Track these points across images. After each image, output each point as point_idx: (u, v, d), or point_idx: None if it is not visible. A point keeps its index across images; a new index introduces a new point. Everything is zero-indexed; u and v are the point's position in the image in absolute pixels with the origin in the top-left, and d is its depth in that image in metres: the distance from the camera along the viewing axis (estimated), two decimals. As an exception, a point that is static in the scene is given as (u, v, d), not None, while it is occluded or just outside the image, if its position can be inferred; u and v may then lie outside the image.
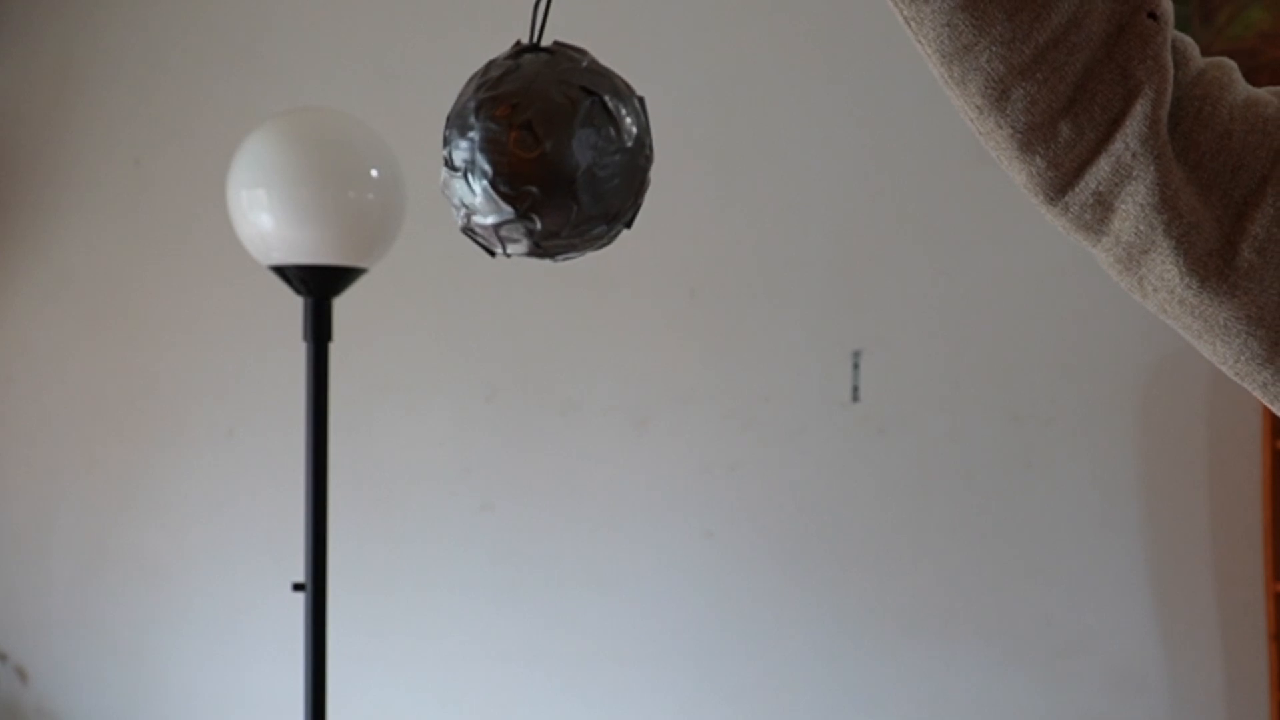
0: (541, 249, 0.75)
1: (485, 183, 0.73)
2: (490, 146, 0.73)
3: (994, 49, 0.68)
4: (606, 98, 0.74)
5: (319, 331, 2.05)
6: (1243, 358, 0.72)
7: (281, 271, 2.02)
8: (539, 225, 0.74)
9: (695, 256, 2.87)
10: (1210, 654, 2.57)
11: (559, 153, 0.73)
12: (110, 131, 3.50)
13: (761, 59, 2.90)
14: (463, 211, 0.75)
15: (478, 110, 0.74)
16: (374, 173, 2.03)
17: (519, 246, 0.75)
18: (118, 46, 3.51)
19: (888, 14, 0.71)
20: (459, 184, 0.74)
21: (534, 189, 0.73)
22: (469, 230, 0.76)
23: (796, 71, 2.88)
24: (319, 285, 2.02)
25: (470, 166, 0.73)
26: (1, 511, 3.59)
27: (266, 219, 1.97)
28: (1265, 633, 2.47)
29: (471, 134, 0.73)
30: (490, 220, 0.74)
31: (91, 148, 3.52)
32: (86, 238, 3.51)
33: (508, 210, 0.73)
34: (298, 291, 2.04)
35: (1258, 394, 0.74)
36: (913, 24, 0.70)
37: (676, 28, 2.95)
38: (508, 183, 0.73)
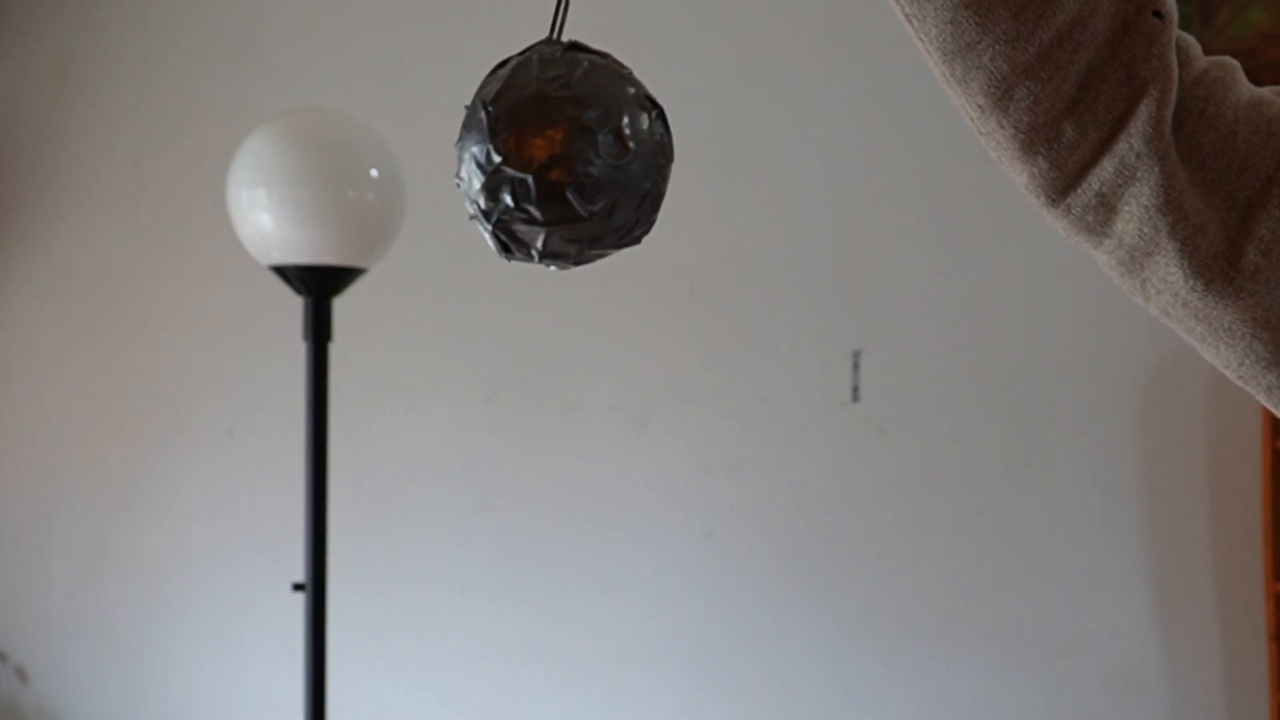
0: (584, 257, 0.70)
1: (567, 185, 0.68)
2: (580, 148, 0.68)
3: (997, 47, 0.67)
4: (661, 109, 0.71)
5: (319, 331, 2.05)
6: (1247, 361, 0.71)
7: (281, 271, 2.02)
8: (604, 233, 0.69)
9: (695, 256, 2.87)
10: (1210, 654, 2.57)
11: (642, 161, 0.69)
12: (110, 131, 3.50)
13: (761, 59, 2.90)
14: (506, 208, 0.68)
15: (559, 105, 0.67)
16: (374, 173, 2.03)
17: (565, 250, 0.70)
18: (118, 46, 3.51)
19: (888, 13, 0.71)
20: (519, 182, 0.68)
21: (614, 196, 0.69)
22: (507, 230, 0.69)
23: (796, 71, 2.88)
24: (319, 285, 2.02)
25: (544, 166, 0.67)
26: (1, 511, 3.59)
27: (266, 219, 1.98)
28: (1265, 633, 2.47)
29: (551, 132, 0.67)
30: (548, 222, 0.68)
31: (91, 148, 3.52)
32: (86, 238, 3.51)
33: (578, 215, 0.68)
34: (298, 291, 2.04)
35: (1261, 398, 0.73)
36: (914, 21, 0.69)
37: (676, 28, 2.95)
38: (593, 187, 0.68)
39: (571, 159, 0.68)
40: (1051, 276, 2.66)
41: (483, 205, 0.69)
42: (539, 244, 0.69)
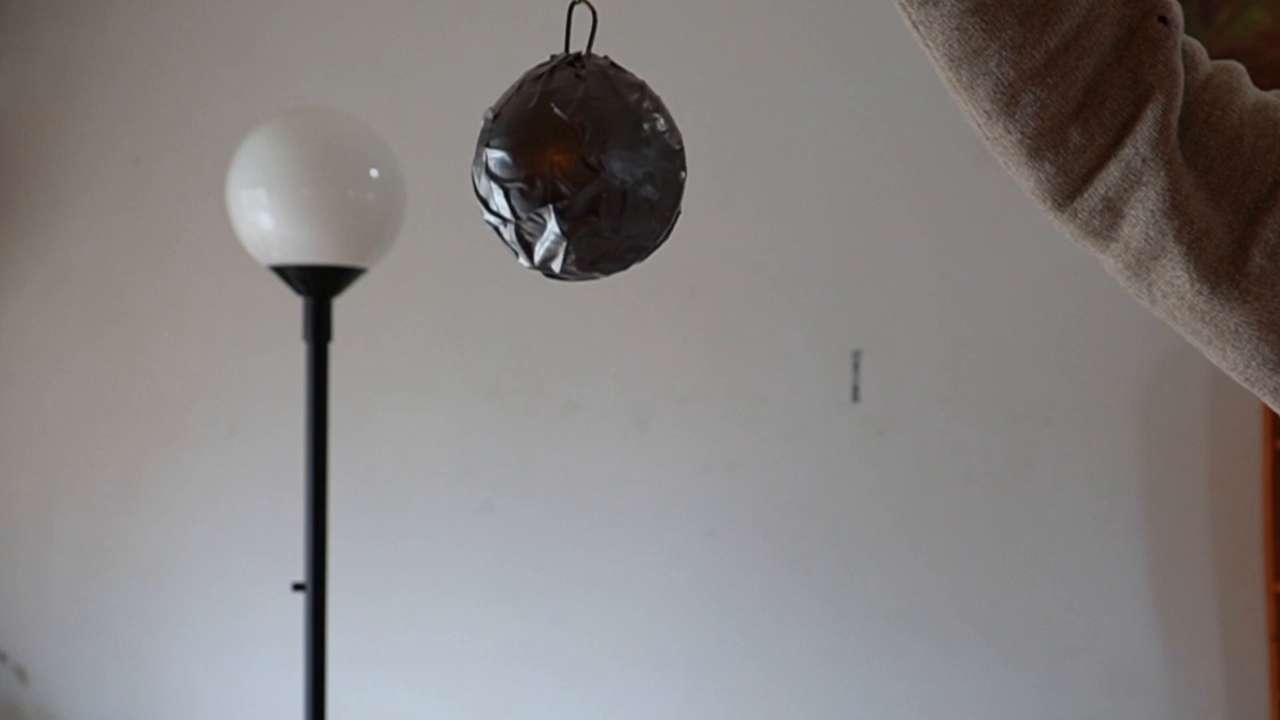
0: (607, 273, 0.70)
1: (655, 202, 0.68)
2: (666, 166, 0.69)
3: (1004, 53, 0.67)
4: None
5: (319, 331, 2.05)
6: (1253, 363, 0.71)
7: (281, 271, 2.02)
8: (649, 248, 0.70)
9: (695, 256, 2.87)
10: (1210, 654, 2.57)
11: (682, 179, 0.71)
12: (110, 131, 3.50)
13: (762, 58, 2.90)
14: (589, 219, 0.67)
15: (647, 122, 0.68)
16: (374, 173, 2.03)
17: (618, 264, 0.70)
18: (118, 46, 3.51)
19: (889, 13, 0.71)
20: (617, 194, 0.67)
21: (673, 210, 0.70)
22: (586, 241, 0.67)
23: (796, 71, 2.88)
24: (319, 285, 2.02)
25: (640, 181, 0.67)
26: (1, 511, 3.59)
27: (266, 219, 1.98)
28: (1265, 633, 2.47)
29: (647, 149, 0.68)
30: (626, 235, 0.68)
31: (91, 148, 3.52)
32: (86, 238, 3.51)
33: (651, 230, 0.68)
34: (298, 291, 2.04)
35: (1268, 399, 0.73)
36: (921, 27, 0.69)
37: (677, 27, 2.95)
38: (669, 204, 0.69)
39: (658, 176, 0.68)
40: (1051, 277, 2.66)
41: (563, 212, 0.67)
42: (602, 255, 0.69)
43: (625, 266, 0.70)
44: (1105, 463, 2.65)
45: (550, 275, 0.70)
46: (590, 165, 0.66)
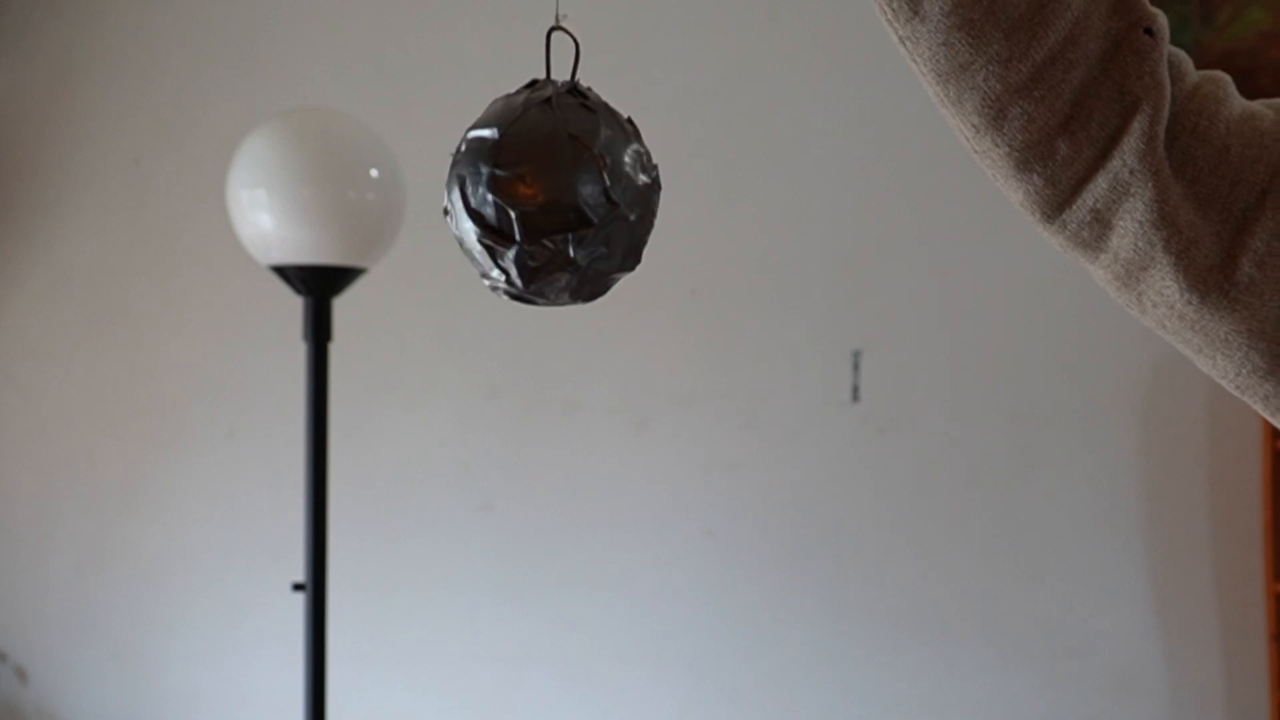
0: (586, 301, 0.72)
1: (635, 230, 0.69)
2: (656, 194, 0.70)
3: (991, 68, 0.68)
4: None
5: (319, 331, 2.05)
6: (1243, 371, 0.72)
7: (281, 271, 2.02)
8: (616, 282, 0.71)
9: (695, 256, 2.87)
10: (1210, 654, 2.57)
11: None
12: (110, 131, 3.50)
13: (761, 58, 2.90)
14: (597, 246, 0.67)
15: (646, 153, 0.70)
16: (374, 173, 2.03)
17: (586, 297, 0.71)
18: (118, 46, 3.51)
19: (888, 16, 0.71)
20: (627, 224, 0.68)
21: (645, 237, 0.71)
22: (593, 270, 0.68)
23: (796, 71, 2.88)
24: (319, 285, 2.02)
25: (641, 214, 0.69)
26: (1, 511, 3.59)
27: (266, 219, 1.98)
28: (1265, 633, 2.47)
29: (650, 177, 0.69)
30: (623, 258, 0.69)
31: (91, 148, 3.52)
32: (86, 238, 3.51)
33: (631, 264, 0.70)
34: (298, 291, 2.04)
35: (1258, 407, 0.74)
36: (908, 43, 0.70)
37: (677, 26, 2.95)
38: (648, 236, 0.70)
39: (648, 210, 0.70)
40: (1051, 277, 2.66)
41: (582, 241, 0.67)
42: (594, 284, 0.70)
43: (599, 295, 0.71)
44: (1105, 463, 2.65)
45: (531, 301, 0.70)
46: (611, 199, 0.67)
